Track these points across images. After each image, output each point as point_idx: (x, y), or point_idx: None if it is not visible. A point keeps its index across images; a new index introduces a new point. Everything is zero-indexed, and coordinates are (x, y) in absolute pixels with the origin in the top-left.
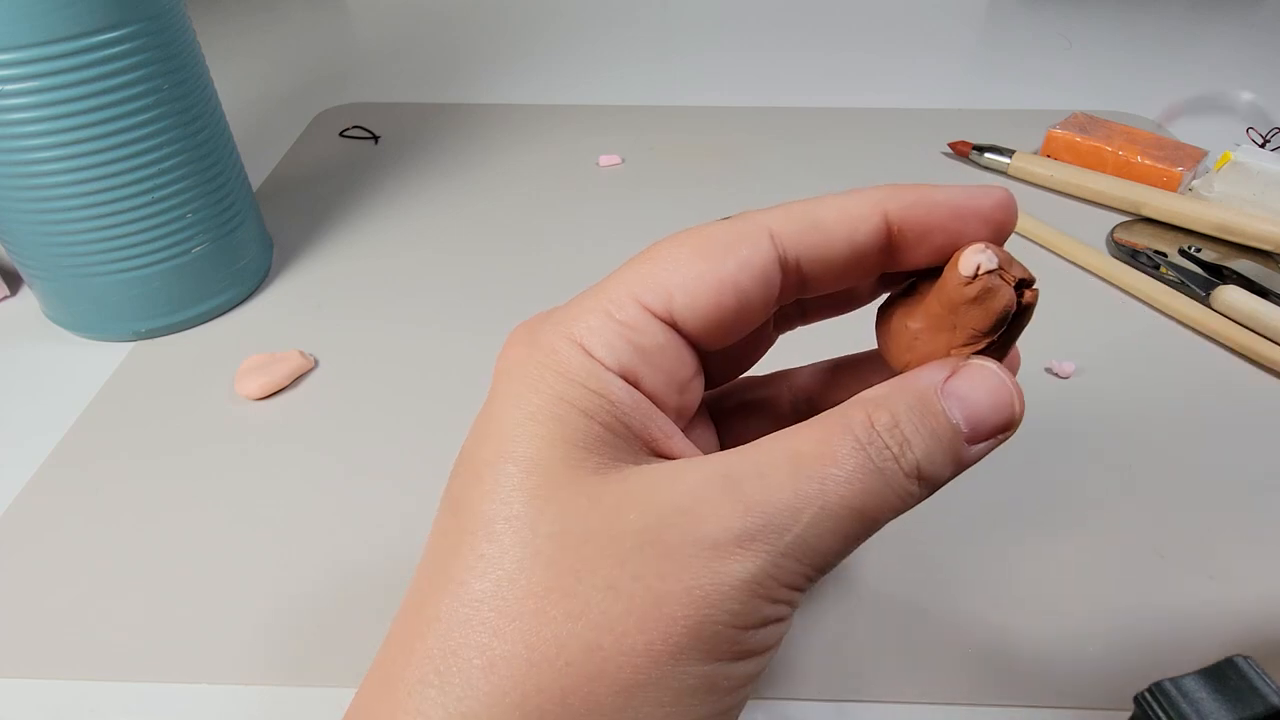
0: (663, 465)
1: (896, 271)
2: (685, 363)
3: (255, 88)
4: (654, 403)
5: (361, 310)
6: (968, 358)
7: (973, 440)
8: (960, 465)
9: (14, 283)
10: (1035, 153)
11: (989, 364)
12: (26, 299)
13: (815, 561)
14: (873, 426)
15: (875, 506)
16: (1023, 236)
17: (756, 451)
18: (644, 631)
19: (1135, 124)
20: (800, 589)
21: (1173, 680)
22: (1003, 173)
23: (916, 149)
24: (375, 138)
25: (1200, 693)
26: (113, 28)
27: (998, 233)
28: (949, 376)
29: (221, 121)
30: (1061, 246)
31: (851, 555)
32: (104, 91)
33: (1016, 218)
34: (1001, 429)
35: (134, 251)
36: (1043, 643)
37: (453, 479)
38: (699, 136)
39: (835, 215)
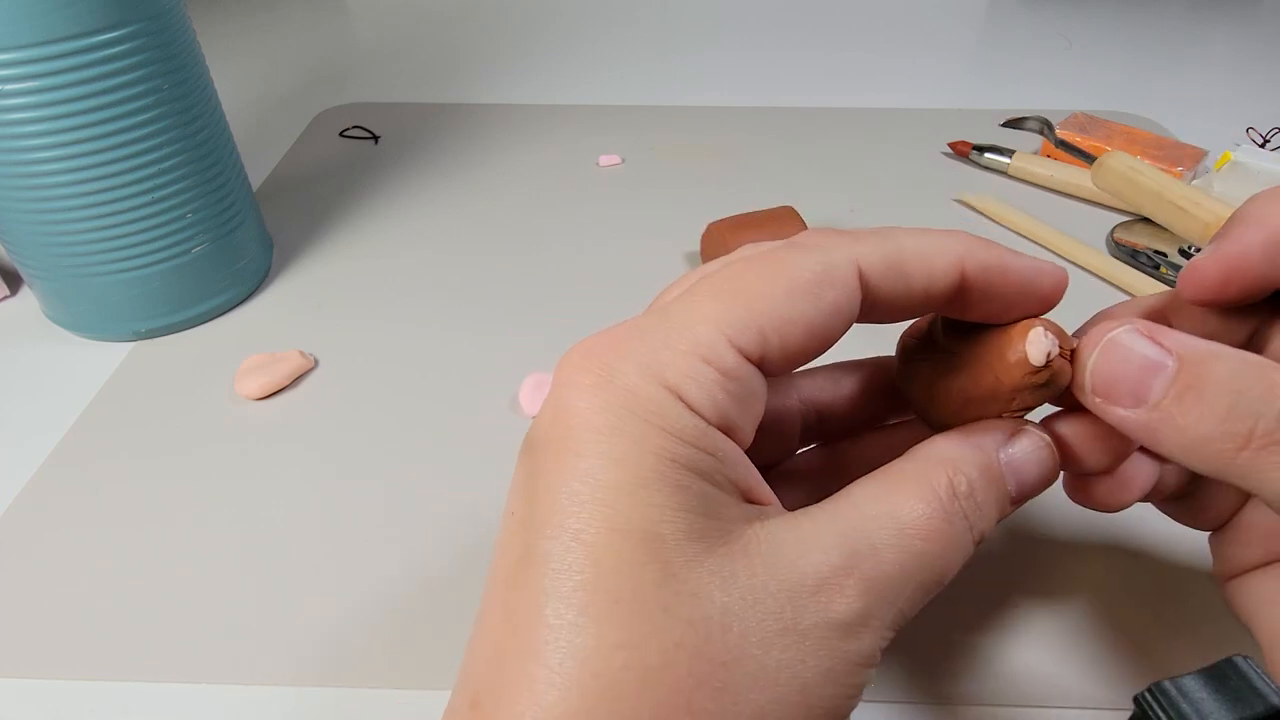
0: (777, 527)
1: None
2: (763, 407)
3: (255, 88)
4: (739, 444)
5: (361, 310)
6: (1021, 419)
7: (1014, 503)
8: (999, 520)
9: (14, 283)
10: (1035, 153)
11: (1044, 437)
12: (26, 299)
13: (901, 624)
14: (954, 494)
15: (950, 572)
16: (1023, 236)
17: (863, 513)
18: (789, 715)
19: (1135, 124)
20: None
21: (1173, 680)
22: (1003, 172)
23: (916, 149)
24: (375, 138)
25: (1200, 693)
26: (113, 28)
27: (1044, 308)
28: (1007, 442)
29: (221, 121)
30: (1061, 246)
31: None
32: (104, 91)
33: (1060, 297)
34: (1037, 492)
35: (134, 251)
36: (1043, 643)
37: (541, 540)
38: (699, 136)
39: (918, 262)
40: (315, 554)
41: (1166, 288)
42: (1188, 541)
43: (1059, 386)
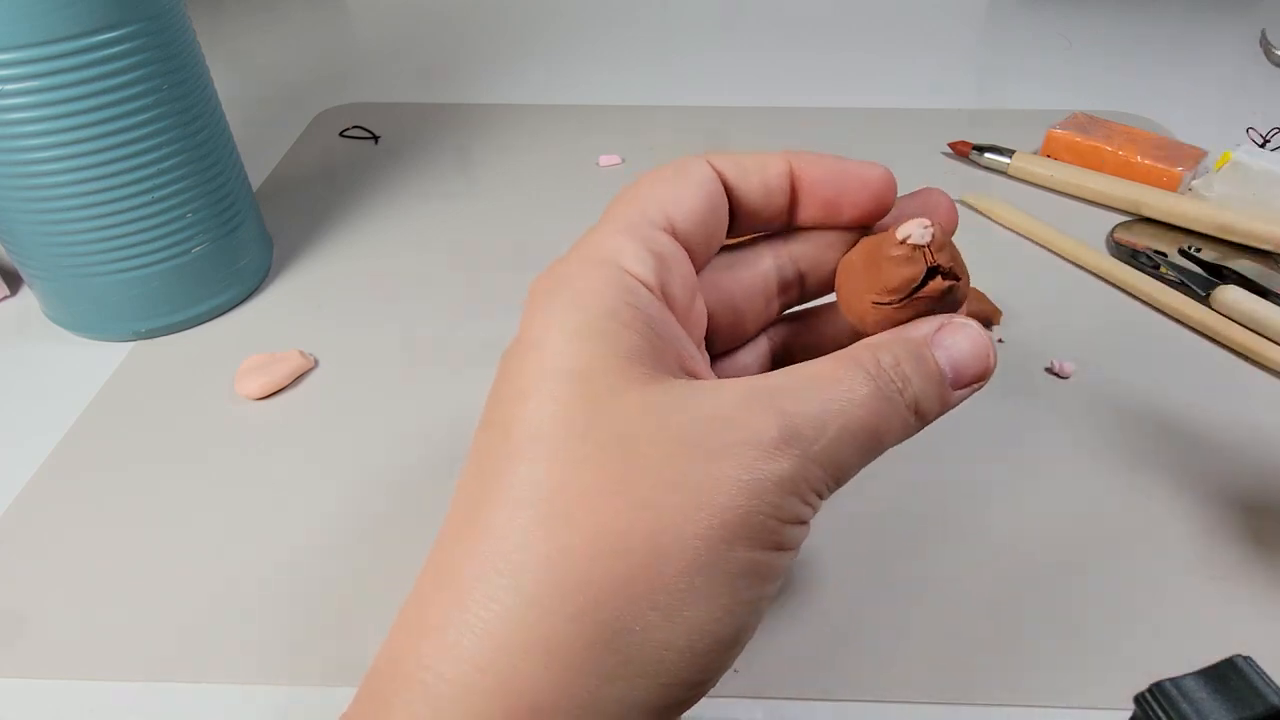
0: (703, 381)
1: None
2: (691, 271)
3: (255, 88)
4: (676, 314)
5: (361, 310)
6: (952, 318)
7: (955, 385)
8: (945, 406)
9: (14, 283)
10: (1035, 153)
11: (971, 323)
12: (26, 299)
13: (835, 472)
14: (879, 364)
15: (884, 429)
16: (1023, 236)
17: (786, 375)
18: (701, 519)
19: (1135, 124)
20: (822, 495)
21: (1173, 680)
22: (1003, 172)
23: (916, 149)
24: (375, 138)
25: (1200, 693)
26: (113, 28)
27: (876, 200)
28: (937, 330)
29: (221, 121)
30: (1061, 246)
31: (849, 547)
32: (104, 91)
33: (894, 192)
34: (979, 377)
35: (134, 251)
36: (1043, 643)
37: (492, 407)
38: (699, 136)
39: (753, 160)
40: (316, 553)
41: (1166, 287)
42: (1188, 541)
43: (904, 275)
